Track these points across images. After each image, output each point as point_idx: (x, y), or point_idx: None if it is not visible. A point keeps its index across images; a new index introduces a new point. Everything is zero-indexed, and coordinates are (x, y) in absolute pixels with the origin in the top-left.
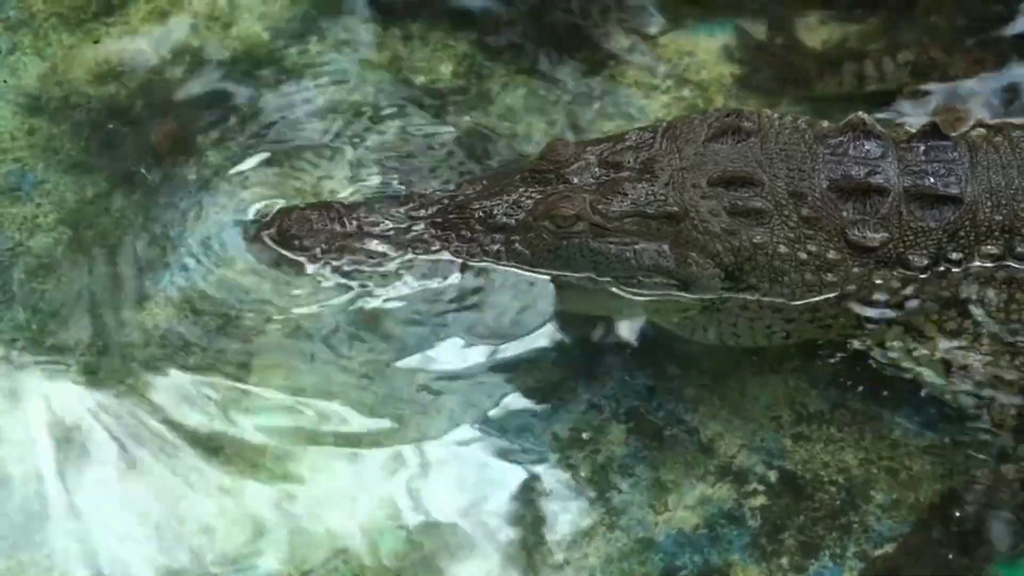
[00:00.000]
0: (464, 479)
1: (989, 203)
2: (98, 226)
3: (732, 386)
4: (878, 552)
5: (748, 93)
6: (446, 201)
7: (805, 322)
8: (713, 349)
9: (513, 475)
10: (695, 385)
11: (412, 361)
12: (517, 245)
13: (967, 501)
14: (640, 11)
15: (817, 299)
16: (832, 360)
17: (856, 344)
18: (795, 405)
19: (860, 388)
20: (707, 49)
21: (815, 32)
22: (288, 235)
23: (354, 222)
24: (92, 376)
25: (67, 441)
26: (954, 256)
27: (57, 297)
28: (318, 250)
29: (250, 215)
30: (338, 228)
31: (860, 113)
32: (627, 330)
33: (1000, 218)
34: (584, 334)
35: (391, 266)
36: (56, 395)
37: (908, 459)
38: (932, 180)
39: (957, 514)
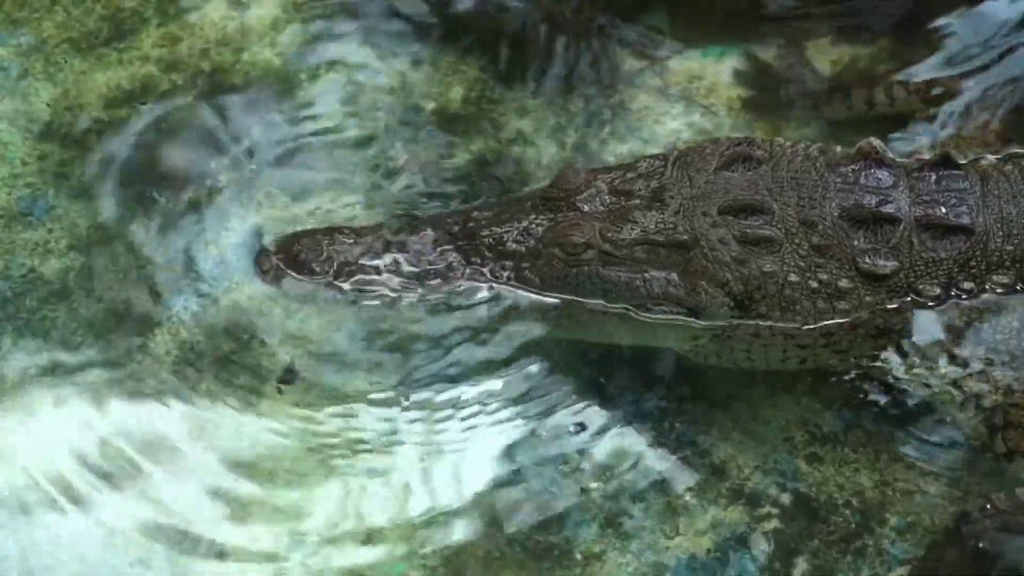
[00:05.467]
0: (475, 504)
1: (1000, 233)
2: (109, 252)
3: (744, 407)
4: None
5: (758, 116)
6: (456, 228)
7: (820, 347)
8: (724, 371)
9: (524, 500)
10: (706, 406)
11: (422, 385)
12: (527, 272)
13: (983, 525)
14: (650, 35)
15: (830, 323)
16: (845, 380)
17: (870, 371)
18: (808, 426)
19: (874, 408)
20: (717, 72)
21: (825, 54)
22: (298, 259)
23: (364, 247)
24: (104, 402)
25: (81, 466)
26: (966, 286)
27: (69, 323)
28: (328, 274)
29: (261, 240)
30: (348, 252)
31: (872, 140)
32: (638, 352)
33: (1012, 248)
34: (595, 357)
35: (400, 291)
36: (69, 421)
37: (923, 481)
38: (943, 210)
39: (972, 538)
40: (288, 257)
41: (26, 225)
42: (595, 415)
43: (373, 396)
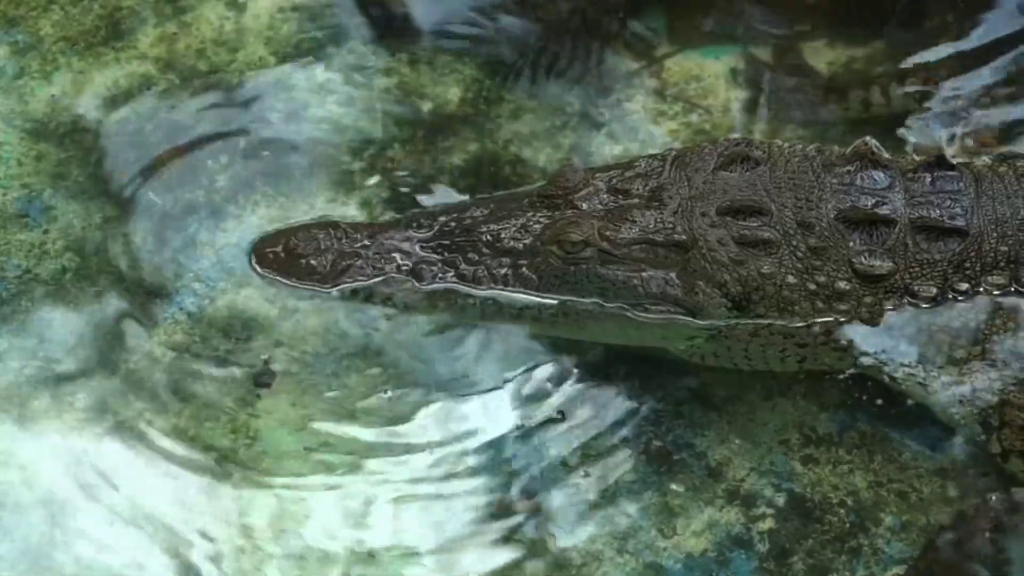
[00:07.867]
0: (470, 504)
1: (995, 234)
2: (106, 252)
3: (740, 410)
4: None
5: (755, 118)
6: (453, 224)
7: (819, 345)
8: (722, 374)
9: (520, 500)
10: (703, 409)
11: (415, 386)
12: (524, 269)
13: (978, 525)
14: (647, 35)
15: (828, 320)
16: (841, 382)
17: (866, 371)
18: (804, 428)
19: (869, 410)
20: (714, 73)
21: (821, 55)
22: (294, 253)
23: (361, 242)
24: (100, 402)
25: (76, 465)
26: (961, 287)
27: (65, 324)
28: (324, 268)
29: (258, 239)
30: (345, 247)
31: (868, 139)
32: (635, 355)
33: (1006, 249)
34: (591, 359)
35: (396, 288)
36: (64, 421)
37: (918, 481)
38: (938, 212)
39: (967, 538)
40: (284, 251)
41: (22, 226)
42: (592, 416)
43: (369, 396)
